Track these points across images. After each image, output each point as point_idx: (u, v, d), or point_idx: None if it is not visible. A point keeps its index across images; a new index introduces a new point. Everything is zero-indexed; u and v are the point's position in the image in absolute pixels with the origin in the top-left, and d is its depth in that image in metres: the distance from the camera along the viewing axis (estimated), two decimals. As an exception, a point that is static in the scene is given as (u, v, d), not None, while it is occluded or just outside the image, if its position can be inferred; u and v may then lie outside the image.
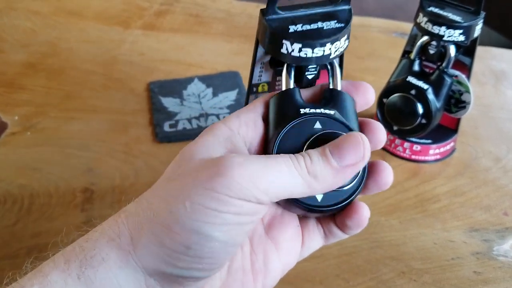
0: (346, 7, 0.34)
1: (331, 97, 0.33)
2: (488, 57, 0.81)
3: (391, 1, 1.71)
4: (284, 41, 0.32)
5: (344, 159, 0.29)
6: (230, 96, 0.67)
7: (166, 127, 0.61)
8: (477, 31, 0.53)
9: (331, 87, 0.34)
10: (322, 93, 0.34)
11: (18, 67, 0.72)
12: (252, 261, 0.32)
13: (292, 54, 0.32)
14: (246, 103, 0.39)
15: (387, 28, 0.89)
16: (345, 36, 0.33)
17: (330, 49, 0.32)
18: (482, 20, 0.53)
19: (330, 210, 0.31)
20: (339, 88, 0.34)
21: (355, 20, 0.90)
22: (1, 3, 0.87)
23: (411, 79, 0.55)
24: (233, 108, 0.65)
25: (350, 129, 0.31)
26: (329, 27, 0.33)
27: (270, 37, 0.33)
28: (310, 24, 0.33)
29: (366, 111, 0.66)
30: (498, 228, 0.53)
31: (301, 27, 0.32)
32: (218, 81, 0.70)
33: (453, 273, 0.48)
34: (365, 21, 0.91)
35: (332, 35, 0.32)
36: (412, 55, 0.57)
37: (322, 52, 0.32)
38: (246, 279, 0.32)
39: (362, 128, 0.33)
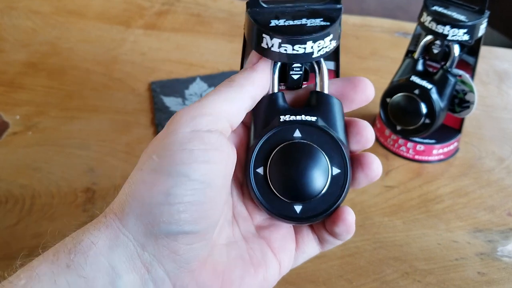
0: (336, 5, 0.32)
1: (316, 101, 0.32)
2: (491, 57, 0.81)
3: (391, 2, 1.70)
4: (263, 35, 0.30)
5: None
6: (232, 96, 0.67)
7: (168, 127, 0.61)
8: (482, 30, 0.53)
9: (317, 89, 0.32)
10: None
11: (18, 67, 0.72)
12: (250, 255, 0.32)
13: (272, 49, 0.30)
14: None
15: (389, 28, 0.89)
16: (331, 36, 0.31)
17: (312, 47, 0.30)
18: (486, 19, 0.53)
19: (311, 221, 0.31)
20: (325, 90, 0.32)
21: (357, 20, 0.90)
22: (2, 2, 0.86)
23: (414, 78, 0.55)
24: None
25: (331, 136, 0.31)
26: (312, 24, 0.31)
27: (251, 29, 0.31)
28: (293, 20, 0.31)
29: (369, 112, 0.67)
30: (502, 228, 0.52)
31: (284, 22, 0.31)
32: (220, 81, 0.69)
33: (457, 274, 0.47)
34: (367, 21, 0.90)
35: (314, 33, 0.30)
36: (416, 55, 0.56)
37: (303, 50, 0.30)
38: (247, 269, 0.31)
39: (348, 128, 0.32)
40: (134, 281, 0.27)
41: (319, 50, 0.31)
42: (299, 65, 0.33)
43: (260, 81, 0.31)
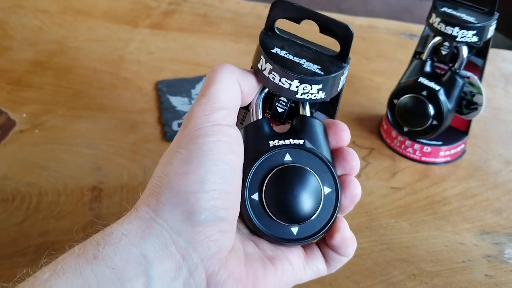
0: (342, 63, 0.32)
1: (300, 124, 0.33)
2: (498, 60, 0.81)
3: (397, 4, 1.70)
4: (261, 57, 0.32)
5: None
6: (238, 96, 0.67)
7: (175, 126, 0.61)
8: (491, 32, 0.53)
9: (300, 113, 0.33)
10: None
11: (26, 65, 0.72)
12: (263, 252, 0.32)
13: (263, 72, 0.32)
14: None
15: (395, 30, 0.89)
16: (319, 86, 0.31)
17: (297, 87, 0.31)
18: (495, 21, 0.53)
19: (307, 241, 0.32)
20: (307, 114, 0.33)
21: (363, 21, 0.90)
22: (9, 1, 0.87)
23: (422, 80, 0.55)
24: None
25: (319, 157, 0.31)
26: (307, 67, 0.32)
27: (257, 48, 0.33)
28: (294, 56, 0.32)
29: (376, 113, 0.67)
30: (509, 231, 0.52)
31: (284, 54, 0.32)
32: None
33: (464, 276, 0.47)
34: (373, 22, 0.90)
35: (303, 75, 0.31)
36: (424, 56, 0.56)
37: (289, 86, 0.31)
38: (265, 262, 0.32)
39: (335, 154, 0.33)
40: (167, 268, 0.27)
41: (303, 93, 0.32)
42: (285, 100, 0.34)
43: (246, 77, 0.33)
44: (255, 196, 0.31)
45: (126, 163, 0.57)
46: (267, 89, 0.34)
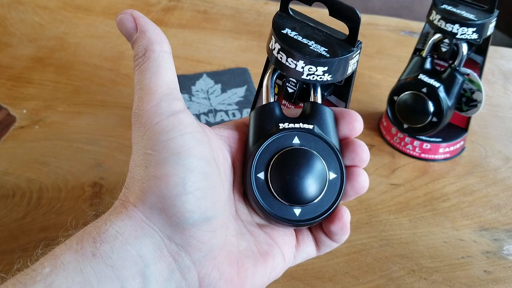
0: (350, 47, 0.32)
1: (310, 110, 0.33)
2: (497, 57, 0.81)
3: (397, 1, 1.70)
4: (272, 37, 0.33)
5: None
6: (238, 92, 0.67)
7: (175, 123, 0.61)
8: (490, 29, 0.53)
9: (311, 100, 0.34)
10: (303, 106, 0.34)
11: (26, 61, 0.72)
12: (257, 246, 0.33)
13: (273, 52, 0.33)
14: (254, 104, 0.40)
15: (395, 27, 0.89)
16: (324, 68, 0.31)
17: (302, 68, 0.31)
18: (495, 19, 0.53)
19: (308, 224, 0.32)
20: (319, 101, 0.34)
21: (363, 18, 0.90)
22: (9, -3, 0.87)
23: (422, 77, 0.55)
24: (241, 104, 0.64)
25: (327, 142, 0.32)
26: (314, 49, 0.32)
27: (271, 29, 0.34)
28: (303, 37, 0.32)
29: (376, 109, 0.67)
30: (508, 227, 0.53)
31: (294, 35, 0.32)
32: (227, 77, 0.69)
33: (463, 272, 0.47)
34: (373, 19, 0.90)
35: (308, 56, 0.31)
36: (424, 53, 0.56)
37: (294, 66, 0.32)
38: (257, 257, 0.32)
39: (344, 145, 0.33)
40: (161, 270, 0.27)
41: (309, 74, 0.32)
42: (294, 80, 0.35)
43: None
44: (261, 175, 0.31)
45: (127, 159, 0.57)
46: (279, 71, 0.34)
